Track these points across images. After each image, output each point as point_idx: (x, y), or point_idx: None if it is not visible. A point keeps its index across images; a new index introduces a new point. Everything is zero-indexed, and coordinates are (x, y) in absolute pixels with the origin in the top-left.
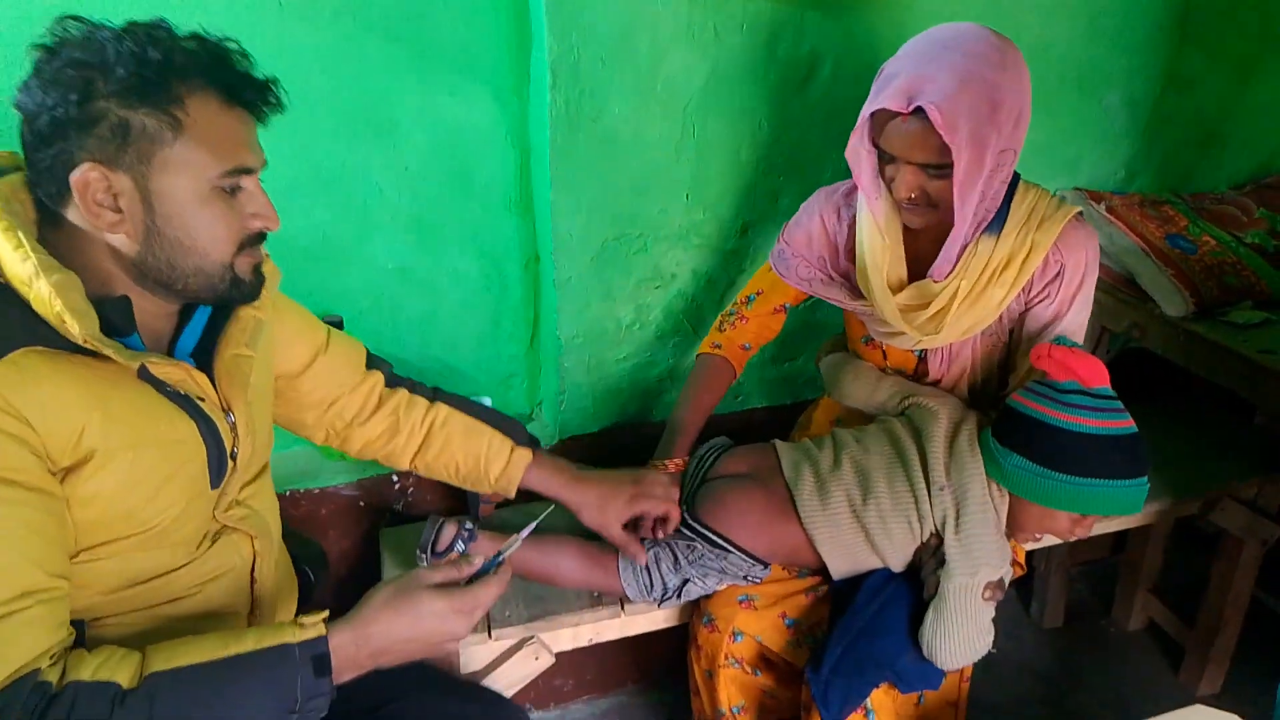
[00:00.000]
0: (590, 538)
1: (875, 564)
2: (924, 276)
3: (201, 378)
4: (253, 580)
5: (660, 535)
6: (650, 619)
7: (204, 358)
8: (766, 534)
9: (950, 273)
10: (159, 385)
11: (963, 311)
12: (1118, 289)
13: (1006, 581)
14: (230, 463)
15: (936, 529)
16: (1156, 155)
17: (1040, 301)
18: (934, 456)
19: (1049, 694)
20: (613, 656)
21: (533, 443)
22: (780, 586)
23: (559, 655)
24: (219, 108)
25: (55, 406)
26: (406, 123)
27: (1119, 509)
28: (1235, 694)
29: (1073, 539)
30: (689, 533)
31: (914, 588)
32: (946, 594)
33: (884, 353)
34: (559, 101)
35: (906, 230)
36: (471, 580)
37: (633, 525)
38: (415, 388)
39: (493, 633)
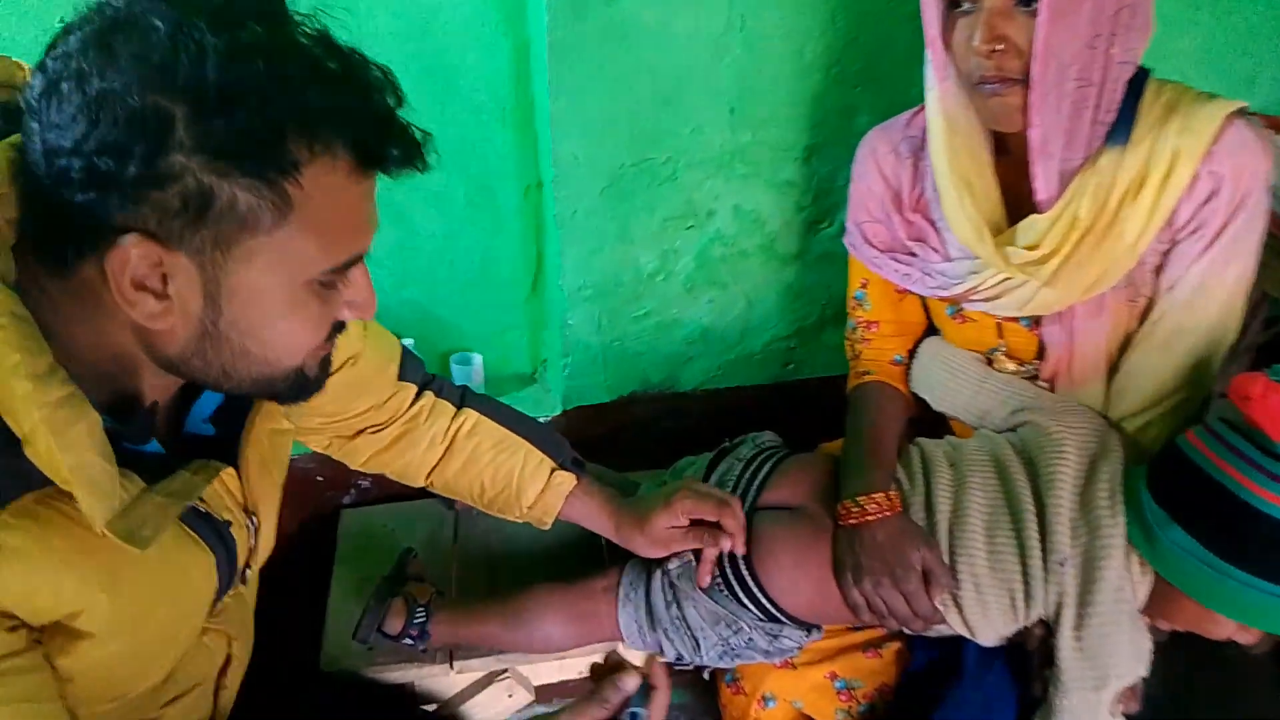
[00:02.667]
0: (570, 580)
1: (960, 631)
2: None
3: (235, 483)
4: (218, 688)
5: (714, 549)
6: None
7: (225, 427)
8: (828, 598)
9: (1060, 195)
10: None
11: (1086, 254)
12: None
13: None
14: (239, 583)
15: (1047, 616)
16: None
17: (1190, 235)
18: (1056, 517)
19: None
20: None
21: (578, 466)
22: (828, 639)
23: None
24: (347, 178)
25: (46, 594)
26: (364, 3)
27: None
28: None
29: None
30: (740, 594)
31: (1019, 668)
32: (1060, 712)
33: (1000, 328)
34: None
35: (998, 155)
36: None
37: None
38: (442, 390)
39: (455, 664)
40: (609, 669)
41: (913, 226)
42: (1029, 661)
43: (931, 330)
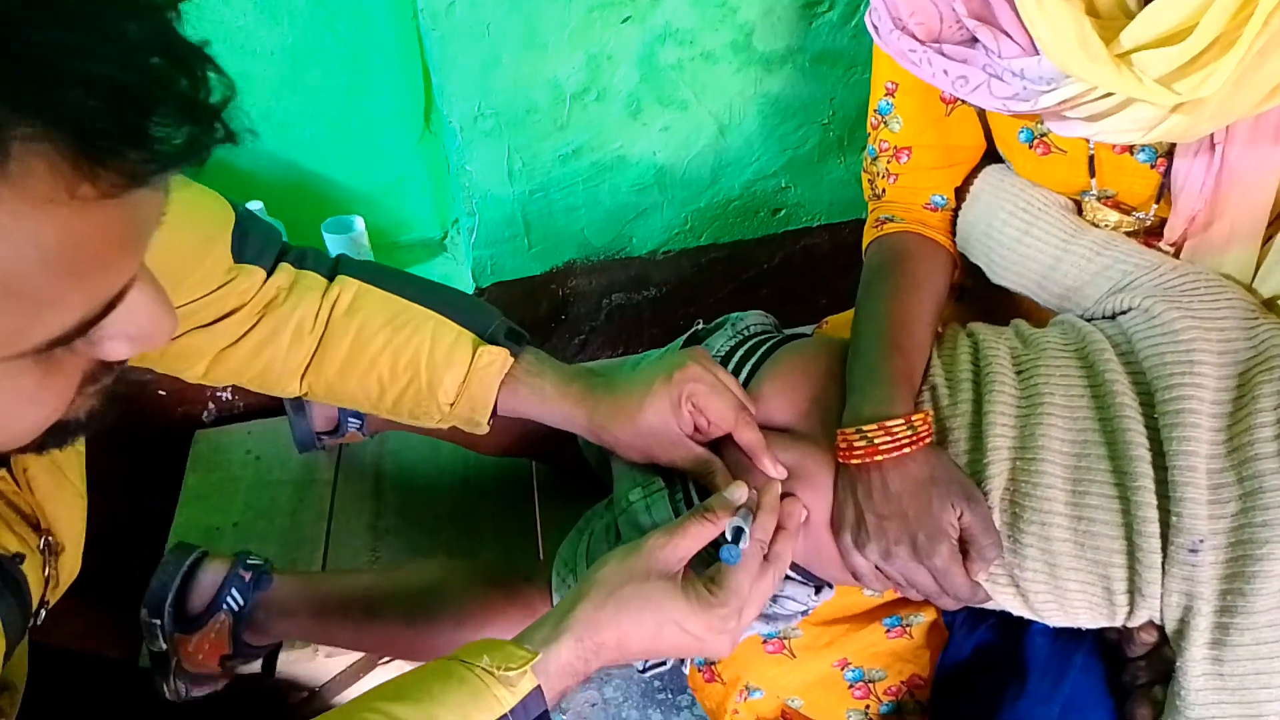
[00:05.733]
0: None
1: (1018, 610)
2: None
3: (10, 488)
4: None
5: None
6: None
7: None
8: (828, 558)
9: None
10: None
11: (1274, 40)
12: None
13: None
14: (32, 623)
15: (1165, 623)
16: None
17: None
18: (1185, 471)
19: None
20: None
21: (515, 338)
22: (834, 608)
23: None
24: (50, 203)
25: None
26: None
27: None
28: None
29: None
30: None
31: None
32: None
33: (1092, 165)
34: None
35: None
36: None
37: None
38: (305, 259)
39: (319, 647)
40: (708, 476)
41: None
42: (1130, 668)
43: (992, 157)
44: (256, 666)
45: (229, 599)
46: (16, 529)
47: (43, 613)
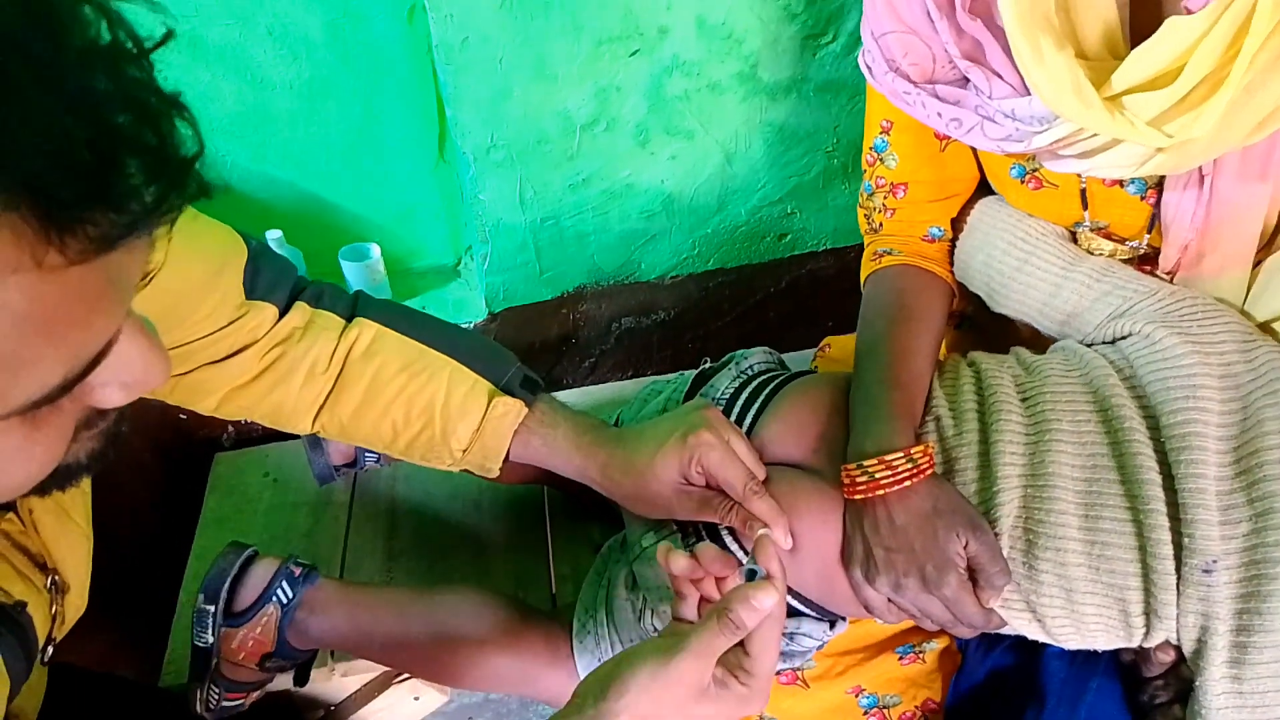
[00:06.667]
0: (518, 614)
1: (1035, 635)
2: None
3: (16, 528)
4: None
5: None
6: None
7: None
8: (839, 592)
9: None
10: None
11: (1263, 74)
12: None
13: None
14: (38, 663)
15: (1182, 644)
16: None
17: None
18: (1196, 493)
19: None
20: None
21: (530, 387)
22: (847, 638)
23: None
24: (21, 272)
25: None
26: None
27: None
28: None
29: None
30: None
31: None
32: None
33: (1085, 198)
34: None
35: None
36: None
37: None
38: (322, 297)
39: (336, 665)
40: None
41: (965, 39)
42: (1149, 687)
43: (988, 187)
44: (289, 681)
45: (279, 590)
46: (24, 571)
47: (49, 649)
